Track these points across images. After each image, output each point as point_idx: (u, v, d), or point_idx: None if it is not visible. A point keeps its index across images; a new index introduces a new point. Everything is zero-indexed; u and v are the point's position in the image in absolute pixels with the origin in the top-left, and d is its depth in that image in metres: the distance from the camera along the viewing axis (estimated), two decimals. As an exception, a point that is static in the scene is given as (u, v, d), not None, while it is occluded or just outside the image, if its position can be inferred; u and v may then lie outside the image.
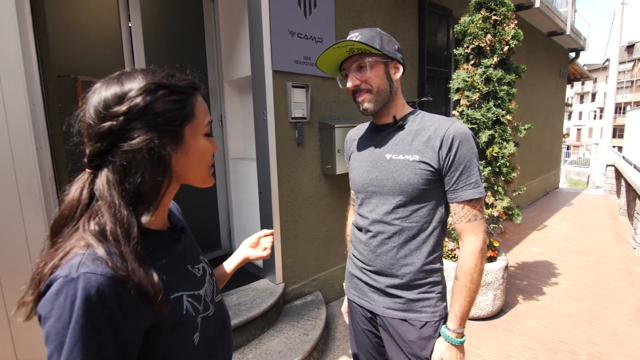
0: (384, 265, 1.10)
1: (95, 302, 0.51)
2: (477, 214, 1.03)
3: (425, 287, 1.09)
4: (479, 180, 1.03)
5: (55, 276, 0.52)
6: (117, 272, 0.53)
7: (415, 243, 1.07)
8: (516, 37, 2.67)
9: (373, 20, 3.06)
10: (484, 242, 1.03)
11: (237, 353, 2.10)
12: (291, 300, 2.67)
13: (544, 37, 6.47)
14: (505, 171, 2.75)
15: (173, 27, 2.87)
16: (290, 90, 2.50)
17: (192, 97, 0.65)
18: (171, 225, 0.76)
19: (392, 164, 1.07)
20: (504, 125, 2.76)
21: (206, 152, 0.67)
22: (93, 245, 0.54)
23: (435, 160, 1.01)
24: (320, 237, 2.84)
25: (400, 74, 1.10)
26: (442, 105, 3.95)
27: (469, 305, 1.03)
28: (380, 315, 1.15)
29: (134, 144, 0.57)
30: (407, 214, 1.06)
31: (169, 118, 0.60)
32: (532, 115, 6.34)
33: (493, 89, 2.69)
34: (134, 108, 0.57)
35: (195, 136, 0.65)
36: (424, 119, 1.09)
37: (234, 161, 3.15)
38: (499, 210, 2.76)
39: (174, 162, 0.63)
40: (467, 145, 1.01)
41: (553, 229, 5.29)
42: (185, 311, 0.64)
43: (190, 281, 0.70)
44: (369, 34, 1.04)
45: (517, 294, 3.21)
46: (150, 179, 0.59)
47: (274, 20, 2.39)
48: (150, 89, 0.59)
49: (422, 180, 1.03)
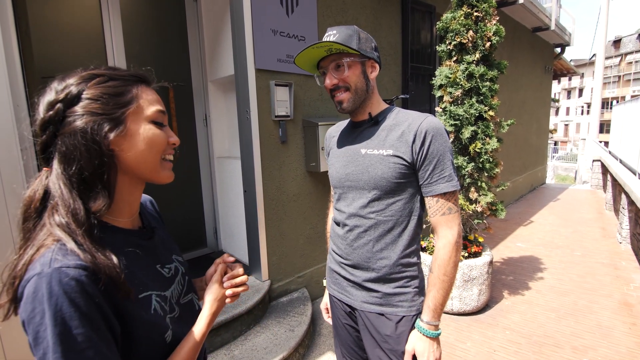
0: (361, 259, 1.12)
1: (75, 294, 0.51)
2: (452, 207, 1.05)
3: (402, 282, 1.11)
4: (452, 174, 1.04)
5: (29, 276, 0.52)
6: (90, 262, 0.54)
7: (390, 237, 1.09)
8: (498, 33, 2.70)
9: (356, 18, 3.07)
10: (458, 236, 1.05)
11: (224, 349, 2.10)
12: (277, 297, 2.68)
13: (528, 32, 6.55)
14: (488, 167, 2.78)
15: (155, 26, 2.84)
16: (274, 89, 2.50)
17: (133, 85, 0.66)
18: (142, 225, 0.75)
19: (367, 159, 1.08)
20: (487, 121, 2.78)
21: (154, 139, 0.66)
22: (62, 239, 0.55)
23: (409, 154, 1.03)
24: (306, 234, 2.84)
25: (376, 73, 1.12)
26: (426, 102, 3.98)
27: (442, 297, 1.04)
28: (358, 310, 1.16)
29: (69, 128, 0.58)
30: (382, 208, 1.08)
31: (104, 102, 0.61)
32: (517, 111, 6.41)
33: (475, 85, 2.72)
34: (68, 95, 0.59)
35: (137, 121, 0.65)
36: (399, 115, 1.11)
37: (219, 160, 3.14)
38: (482, 205, 2.79)
39: (116, 148, 0.63)
40: (440, 139, 1.03)
41: (539, 224, 5.36)
42: (153, 310, 0.65)
43: (158, 281, 0.70)
44: (346, 33, 1.05)
45: (502, 289, 3.25)
46: (89, 162, 0.59)
47: (256, 19, 2.39)
48: (85, 78, 0.61)
49: (396, 174, 1.04)
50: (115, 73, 0.65)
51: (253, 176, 2.48)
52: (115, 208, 0.66)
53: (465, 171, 2.76)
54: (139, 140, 0.64)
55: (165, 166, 0.70)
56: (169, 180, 0.72)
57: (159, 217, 0.88)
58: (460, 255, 1.07)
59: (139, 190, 0.71)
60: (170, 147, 0.71)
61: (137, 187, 0.70)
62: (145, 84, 0.68)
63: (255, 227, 2.54)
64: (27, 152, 1.64)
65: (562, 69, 9.88)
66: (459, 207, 1.08)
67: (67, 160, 0.59)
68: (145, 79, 0.69)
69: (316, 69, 1.15)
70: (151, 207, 0.88)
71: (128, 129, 0.63)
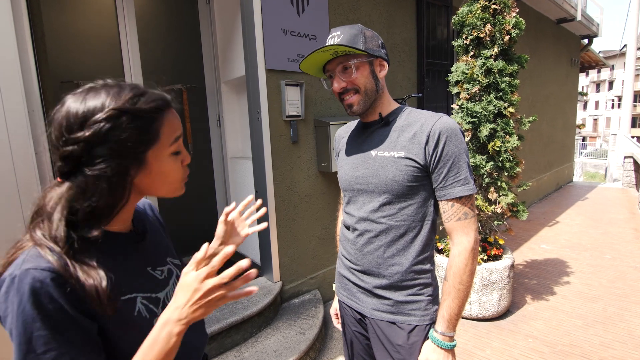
0: (371, 264, 1.08)
1: (41, 295, 0.52)
2: (468, 211, 0.99)
3: (415, 289, 1.06)
4: (468, 177, 0.99)
5: (4, 276, 0.54)
6: (60, 267, 0.55)
7: (402, 242, 1.04)
8: (518, 26, 2.58)
9: (368, 15, 3.00)
10: (475, 242, 0.99)
11: (234, 351, 2.09)
12: (289, 298, 2.65)
13: (552, 24, 6.27)
14: (508, 166, 2.66)
15: (169, 29, 2.88)
16: (284, 89, 2.47)
17: (157, 120, 0.64)
18: (134, 228, 0.75)
19: (378, 161, 1.04)
20: (507, 118, 2.67)
21: (173, 172, 0.67)
22: (38, 245, 0.57)
23: (422, 156, 0.98)
24: (318, 235, 2.81)
25: (385, 71, 1.07)
26: (442, 99, 3.86)
27: (458, 307, 0.99)
28: (368, 317, 1.12)
29: (95, 169, 0.58)
30: (393, 212, 1.03)
31: (131, 144, 0.60)
32: (541, 106, 6.15)
33: (494, 80, 2.60)
34: (95, 135, 0.57)
35: (158, 158, 0.64)
36: (411, 115, 1.06)
37: (232, 160, 3.14)
38: (502, 206, 2.67)
39: (137, 182, 0.64)
40: (455, 140, 0.98)
41: (566, 225, 5.12)
42: (136, 313, 0.64)
43: (148, 283, 0.70)
44: (350, 33, 1.00)
45: (525, 293, 3.11)
46: (107, 201, 0.61)
47: (266, 19, 2.37)
48: (111, 116, 0.58)
49: (408, 177, 1.00)
50: (139, 109, 0.61)
51: (264, 177, 2.47)
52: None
53: (483, 170, 2.64)
54: (158, 174, 0.65)
55: (177, 186, 0.71)
56: (179, 194, 0.72)
57: (158, 221, 0.88)
58: (477, 262, 1.01)
59: (136, 201, 0.71)
60: (185, 169, 0.70)
61: (135, 200, 0.70)
62: (167, 111, 0.66)
63: (267, 228, 2.52)
64: (41, 156, 1.68)
65: (590, 61, 9.43)
66: (475, 211, 1.02)
67: (85, 193, 0.59)
68: (168, 105, 0.66)
69: (322, 72, 1.11)
70: (150, 211, 0.87)
71: (149, 164, 0.63)
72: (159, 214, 0.90)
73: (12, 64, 1.51)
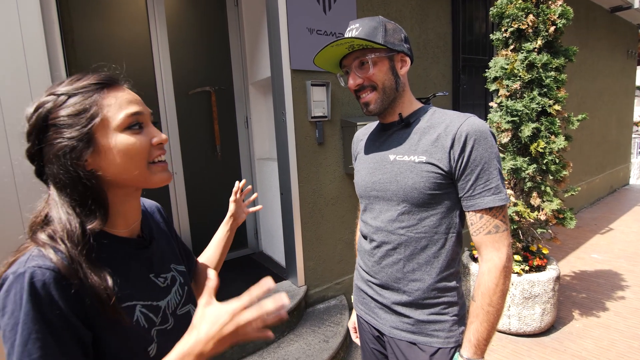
0: (390, 278, 0.99)
1: (42, 295, 0.52)
2: (499, 224, 0.88)
3: (438, 308, 0.96)
4: (500, 185, 0.87)
5: (6, 274, 0.54)
6: (63, 267, 0.54)
7: (424, 256, 0.94)
8: (564, 16, 2.35)
9: (399, 11, 2.87)
10: (507, 259, 0.87)
11: (256, 356, 2.06)
12: (314, 303, 2.59)
13: (605, 13, 5.74)
14: (554, 169, 2.43)
15: (198, 32, 2.92)
16: (310, 89, 2.42)
17: (94, 94, 0.61)
18: (142, 234, 0.72)
19: (396, 166, 0.95)
20: (552, 116, 2.44)
21: (130, 148, 0.61)
22: (41, 244, 0.57)
23: (446, 161, 0.88)
24: (344, 239, 2.72)
25: (407, 68, 0.98)
26: (481, 97, 3.63)
27: (487, 331, 0.87)
28: (387, 335, 1.03)
29: (46, 160, 0.59)
30: (413, 223, 0.93)
31: (68, 125, 0.58)
32: (593, 103, 5.65)
33: (537, 75, 2.39)
34: (35, 125, 0.59)
35: (107, 134, 0.60)
36: (434, 116, 0.96)
37: (260, 162, 3.14)
38: (547, 213, 2.44)
39: (95, 167, 0.60)
40: (484, 144, 0.86)
41: (621, 232, 4.65)
42: (135, 322, 0.62)
43: (150, 291, 0.68)
44: (370, 25, 0.92)
45: (572, 308, 2.84)
46: (74, 188, 0.59)
47: (292, 19, 2.33)
48: (44, 103, 0.59)
49: (430, 185, 0.89)
50: (73, 88, 0.60)
51: (289, 179, 2.43)
52: (109, 219, 0.64)
53: (525, 174, 2.43)
54: (114, 154, 0.60)
55: (155, 170, 0.65)
56: (164, 183, 0.67)
57: (167, 225, 0.85)
58: (510, 281, 0.89)
59: (133, 199, 0.68)
60: (156, 149, 0.65)
61: (129, 197, 0.67)
62: (110, 87, 0.62)
63: (292, 231, 2.48)
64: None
65: (651, 53, 8.56)
66: (508, 224, 0.90)
67: (57, 186, 0.59)
68: (108, 81, 0.63)
69: (339, 67, 1.03)
70: (158, 215, 0.85)
71: (99, 145, 0.60)
72: (167, 217, 0.87)
73: (43, 70, 1.56)
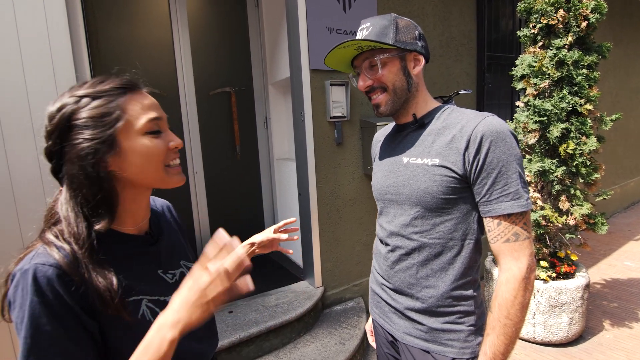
0: (403, 283, 0.96)
1: (47, 290, 0.54)
2: (520, 232, 0.83)
3: (453, 317, 0.92)
4: (520, 190, 0.82)
5: (15, 270, 0.57)
6: (65, 265, 0.56)
7: (438, 263, 0.91)
8: (598, 10, 2.23)
9: (421, 8, 2.81)
10: (528, 270, 0.82)
11: (272, 355, 2.07)
12: (331, 304, 2.58)
13: (645, 8, 5.42)
14: (584, 171, 2.31)
15: (219, 33, 2.96)
16: (329, 89, 2.40)
17: (118, 98, 0.63)
18: (150, 230, 0.74)
19: (409, 169, 0.92)
20: (583, 116, 2.32)
21: (150, 152, 0.64)
22: (47, 242, 0.59)
23: (460, 164, 0.84)
24: (362, 240, 2.69)
25: (420, 67, 0.94)
26: (507, 96, 3.51)
27: (504, 345, 0.83)
28: (400, 341, 1.00)
29: (67, 159, 0.60)
30: (427, 228, 0.90)
31: (91, 126, 0.60)
32: (628, 102, 5.35)
33: (567, 73, 2.28)
34: (58, 124, 0.60)
35: (129, 137, 0.63)
36: (451, 116, 0.92)
37: (279, 162, 3.15)
38: (576, 218, 2.33)
39: (115, 168, 0.62)
40: (502, 146, 0.82)
41: (658, 238, 4.39)
42: (140, 315, 0.64)
43: (157, 286, 0.69)
44: (381, 24, 0.90)
45: (602, 317, 2.70)
46: (90, 188, 0.60)
47: (311, 18, 2.32)
48: (67, 104, 0.61)
49: (443, 189, 0.86)
50: (97, 90, 0.62)
51: (307, 179, 2.42)
52: (118, 217, 0.66)
53: (553, 176, 2.33)
54: (135, 156, 0.63)
55: (171, 172, 0.69)
56: (178, 184, 0.70)
57: (177, 223, 0.87)
58: (531, 293, 0.84)
59: (144, 198, 0.70)
60: (172, 152, 0.68)
61: (141, 196, 0.69)
62: (132, 92, 0.65)
63: (309, 231, 2.47)
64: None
65: (695, 49, 8.03)
66: (531, 232, 0.85)
67: (72, 186, 0.60)
68: (131, 86, 0.66)
69: (351, 67, 1.01)
70: (168, 213, 0.87)
71: (121, 147, 0.62)
72: (177, 216, 0.89)
73: (68, 70, 1.60)
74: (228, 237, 0.56)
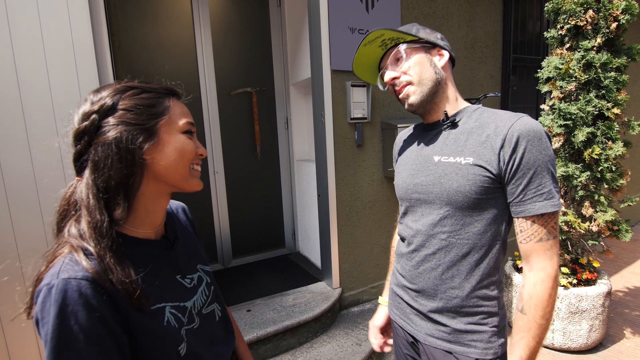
0: (427, 285, 0.96)
1: (77, 305, 0.53)
2: (551, 231, 0.83)
3: (477, 317, 0.92)
4: (553, 190, 0.82)
5: (41, 285, 0.56)
6: (95, 274, 0.56)
7: (465, 264, 0.91)
8: (629, 10, 2.16)
9: (446, 8, 2.78)
10: (558, 269, 0.84)
11: (289, 354, 2.11)
12: (348, 306, 2.60)
13: (679, 6, 5.19)
14: (609, 177, 2.26)
15: (241, 34, 2.98)
16: (350, 90, 2.41)
17: (165, 98, 0.68)
18: (166, 234, 0.75)
19: (440, 168, 0.91)
20: (610, 120, 2.26)
21: (184, 149, 0.68)
22: (74, 250, 0.58)
23: (495, 163, 0.83)
24: (381, 243, 2.70)
25: (445, 61, 0.95)
26: (533, 99, 3.44)
27: (538, 346, 0.83)
28: (421, 342, 1.01)
29: (104, 138, 0.60)
30: (456, 228, 0.90)
31: (138, 112, 0.63)
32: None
33: (595, 76, 2.22)
34: (103, 106, 0.62)
35: (170, 132, 0.66)
36: (483, 115, 0.91)
37: (299, 163, 3.18)
38: (600, 224, 2.28)
39: (148, 157, 0.64)
40: (539, 146, 0.81)
41: (685, 245, 4.25)
42: (166, 323, 0.64)
43: (177, 292, 0.70)
44: (403, 27, 0.94)
45: (624, 326, 2.65)
46: (119, 172, 0.60)
47: (333, 18, 2.32)
48: (119, 90, 0.64)
49: (477, 188, 0.85)
50: (148, 86, 0.67)
51: (326, 180, 2.44)
52: (137, 218, 0.66)
53: (577, 182, 2.28)
54: (170, 150, 0.66)
55: (194, 175, 0.71)
56: (198, 188, 0.72)
57: (192, 226, 0.88)
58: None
59: (164, 200, 0.71)
60: (197, 158, 0.72)
61: (162, 197, 0.70)
62: (176, 97, 0.71)
63: (328, 233, 2.49)
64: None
65: None
66: (558, 232, 0.85)
67: (97, 169, 0.60)
68: (175, 92, 0.71)
69: (377, 74, 1.03)
70: (183, 215, 0.87)
71: (161, 139, 0.65)
72: (192, 218, 0.89)
73: (91, 70, 1.63)
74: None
